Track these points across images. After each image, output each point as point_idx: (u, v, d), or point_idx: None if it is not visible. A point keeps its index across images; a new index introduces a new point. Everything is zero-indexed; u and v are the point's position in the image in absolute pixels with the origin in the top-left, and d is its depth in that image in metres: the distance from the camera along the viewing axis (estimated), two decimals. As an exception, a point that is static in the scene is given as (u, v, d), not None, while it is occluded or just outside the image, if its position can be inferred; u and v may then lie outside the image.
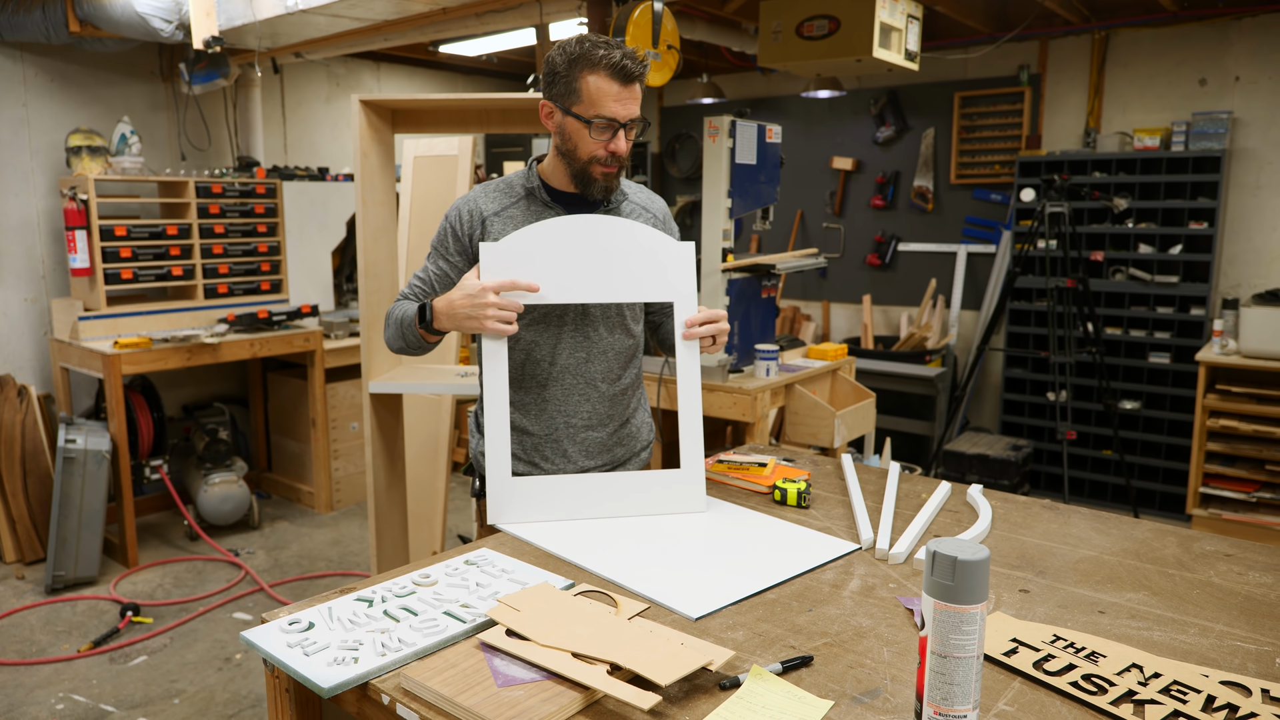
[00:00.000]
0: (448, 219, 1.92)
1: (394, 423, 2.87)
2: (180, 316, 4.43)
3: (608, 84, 1.74)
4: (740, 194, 3.25)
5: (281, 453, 5.09)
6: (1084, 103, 5.11)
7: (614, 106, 1.75)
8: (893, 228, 5.93)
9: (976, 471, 4.69)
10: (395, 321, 1.89)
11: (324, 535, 4.47)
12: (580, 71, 1.74)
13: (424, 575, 1.46)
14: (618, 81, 1.74)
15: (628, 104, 1.76)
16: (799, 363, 3.59)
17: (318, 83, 5.60)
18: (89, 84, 4.58)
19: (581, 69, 1.74)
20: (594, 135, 1.77)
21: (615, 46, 1.75)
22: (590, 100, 1.75)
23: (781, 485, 1.88)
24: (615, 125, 1.77)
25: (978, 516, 1.80)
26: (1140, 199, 4.77)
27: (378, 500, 2.81)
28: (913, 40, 4.14)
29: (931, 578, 1.05)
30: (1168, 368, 4.75)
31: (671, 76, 3.22)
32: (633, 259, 1.80)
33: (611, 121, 1.76)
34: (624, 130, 1.78)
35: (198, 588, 3.85)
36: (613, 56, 1.73)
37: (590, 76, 1.74)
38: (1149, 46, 4.89)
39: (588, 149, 1.79)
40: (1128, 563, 1.58)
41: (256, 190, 4.66)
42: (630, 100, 1.76)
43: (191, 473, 4.53)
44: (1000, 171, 5.41)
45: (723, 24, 4.78)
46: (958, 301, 5.65)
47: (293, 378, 4.90)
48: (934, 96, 5.63)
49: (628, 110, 1.76)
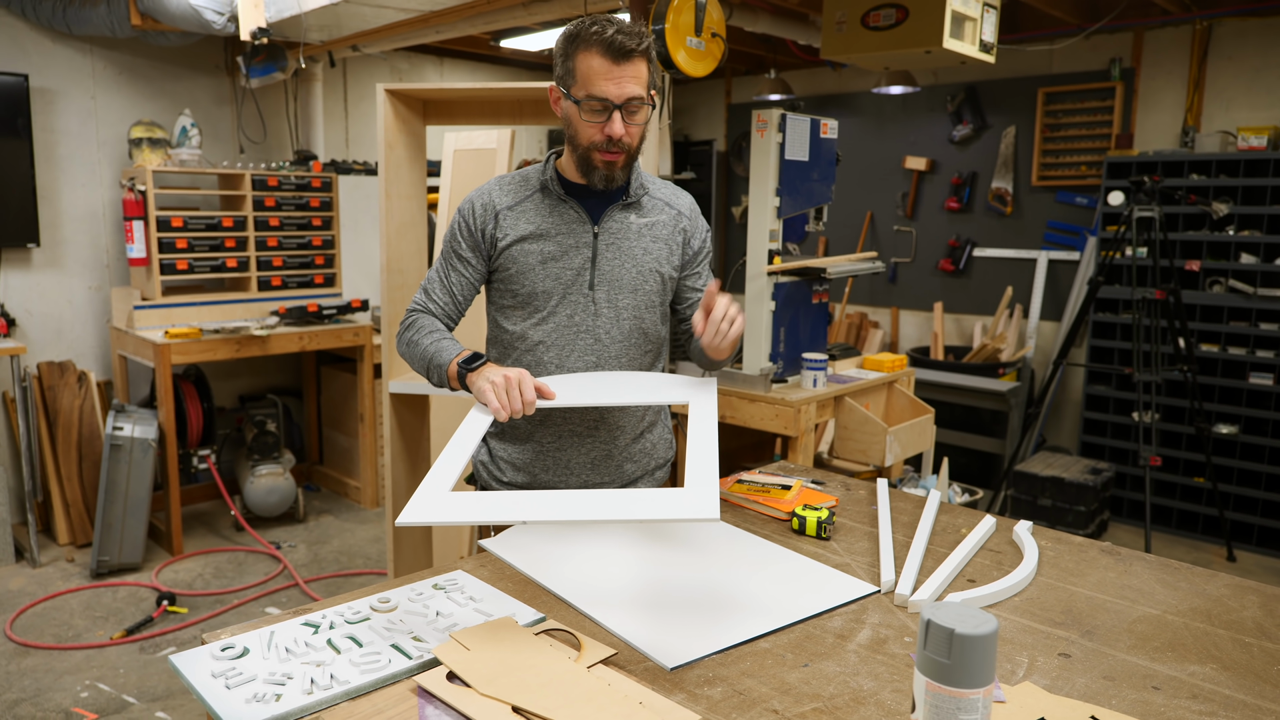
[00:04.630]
0: (460, 212, 1.79)
1: (417, 423, 2.78)
2: (233, 308, 4.46)
3: (599, 61, 1.59)
4: (790, 192, 3.05)
5: (332, 446, 5.10)
6: (1182, 99, 4.72)
7: (605, 85, 1.60)
8: (968, 231, 5.61)
9: (1050, 495, 4.36)
10: (420, 357, 1.71)
11: (366, 532, 4.44)
12: (575, 50, 1.61)
13: (383, 599, 1.33)
14: (609, 58, 1.59)
15: (623, 83, 1.60)
16: (852, 373, 3.37)
17: (380, 77, 5.60)
18: (155, 77, 4.66)
19: (576, 48, 1.61)
20: (585, 117, 1.63)
21: (611, 23, 1.60)
22: (583, 81, 1.61)
23: (801, 513, 1.69)
24: (609, 106, 1.61)
25: (1021, 558, 1.58)
26: (1243, 204, 4.36)
27: (397, 503, 2.72)
28: (989, 31, 3.86)
29: (924, 652, 0.86)
30: (1271, 390, 4.34)
31: (717, 65, 3.04)
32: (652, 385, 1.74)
33: (604, 102, 1.61)
34: (620, 112, 1.62)
35: (236, 579, 3.85)
36: (605, 32, 1.58)
37: (582, 55, 1.60)
38: (1256, 38, 4.47)
39: (585, 134, 1.65)
40: (1195, 625, 1.34)
41: (312, 184, 4.66)
42: (627, 79, 1.60)
43: (241, 463, 4.56)
44: (1086, 173, 5.04)
45: (787, 16, 4.57)
46: (1036, 312, 5.30)
47: (344, 372, 4.90)
48: (1015, 92, 5.29)
49: (622, 89, 1.61)
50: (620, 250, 1.78)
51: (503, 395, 1.51)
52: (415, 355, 1.73)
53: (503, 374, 1.54)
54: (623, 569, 1.48)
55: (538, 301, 1.75)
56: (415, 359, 1.73)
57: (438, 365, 1.67)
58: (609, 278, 1.77)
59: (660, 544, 1.59)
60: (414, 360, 1.74)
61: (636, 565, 1.50)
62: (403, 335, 1.77)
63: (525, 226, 1.74)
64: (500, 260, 1.75)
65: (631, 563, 1.51)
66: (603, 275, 1.77)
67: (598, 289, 1.77)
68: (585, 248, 1.75)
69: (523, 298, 1.75)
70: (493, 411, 1.52)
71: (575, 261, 1.75)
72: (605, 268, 1.77)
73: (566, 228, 1.75)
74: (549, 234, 1.74)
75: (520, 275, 1.74)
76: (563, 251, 1.74)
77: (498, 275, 1.77)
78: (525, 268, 1.74)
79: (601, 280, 1.77)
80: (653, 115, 1.75)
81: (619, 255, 1.78)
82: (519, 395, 1.52)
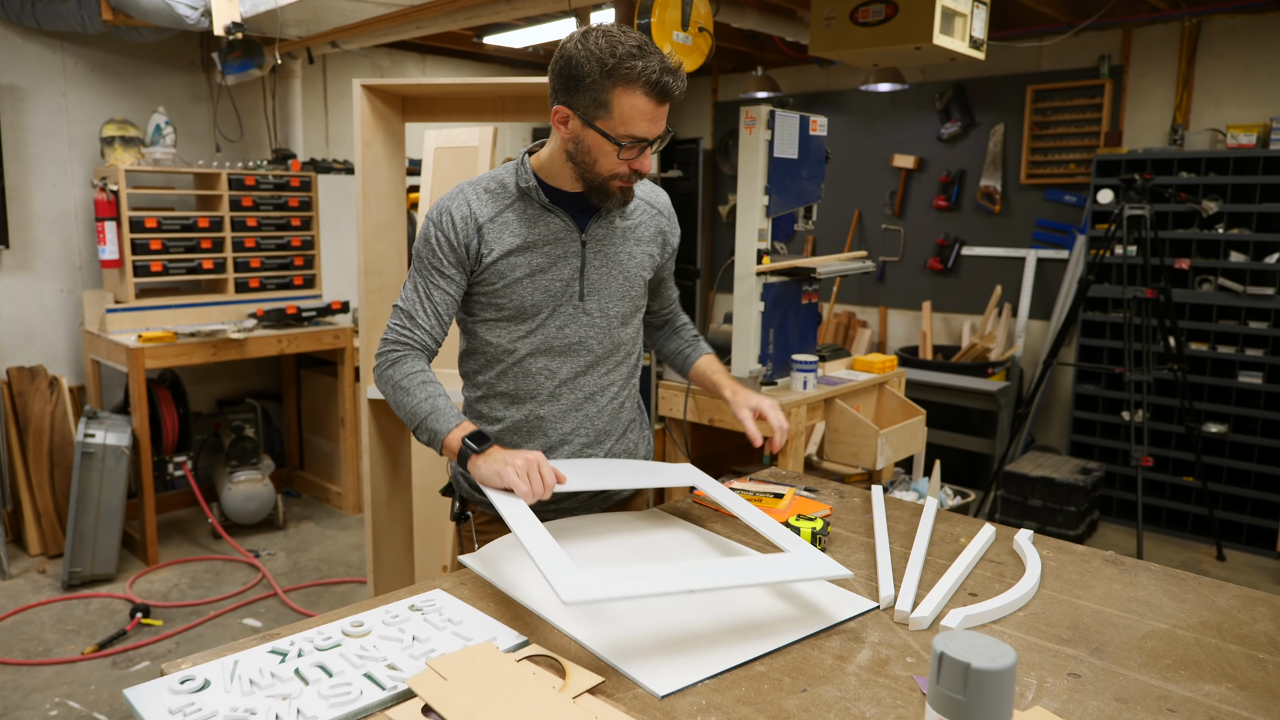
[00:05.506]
0: (437, 226, 1.65)
1: (396, 430, 2.70)
2: (210, 310, 4.35)
3: (644, 103, 1.50)
4: (779, 190, 2.99)
5: (313, 451, 5.00)
6: (1171, 97, 4.69)
7: (647, 126, 1.53)
8: (956, 230, 5.57)
9: (1040, 496, 4.32)
10: (411, 412, 1.58)
11: (348, 538, 4.35)
12: (613, 85, 1.49)
13: (356, 623, 1.26)
14: (654, 100, 1.51)
15: (659, 121, 1.54)
16: (842, 375, 3.31)
17: (360, 74, 5.50)
18: (128, 74, 4.54)
19: (615, 83, 1.49)
20: (623, 156, 1.55)
21: (651, 54, 1.49)
22: (622, 119, 1.51)
23: (794, 524, 1.63)
24: (645, 144, 1.55)
25: (1024, 570, 1.52)
26: (1232, 202, 4.34)
27: (376, 513, 2.64)
28: (979, 27, 3.82)
29: (938, 687, 0.80)
30: (1260, 388, 4.31)
31: (704, 61, 2.98)
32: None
33: (642, 141, 1.54)
34: (650, 145, 1.56)
35: (213, 589, 3.75)
36: (650, 72, 1.47)
37: (624, 93, 1.49)
38: (1246, 35, 4.45)
39: (610, 167, 1.57)
40: (1207, 641, 1.29)
41: (290, 183, 4.57)
42: (663, 118, 1.55)
43: (219, 470, 4.46)
44: (1075, 171, 5.01)
45: (775, 12, 4.51)
46: (1025, 310, 5.26)
47: (324, 375, 4.80)
48: (1004, 90, 5.25)
49: (658, 128, 1.55)
50: (608, 257, 1.71)
51: (526, 480, 1.45)
52: (403, 406, 1.61)
53: (522, 458, 1.47)
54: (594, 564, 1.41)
55: (526, 315, 1.67)
56: (402, 409, 1.61)
57: (432, 429, 1.56)
58: (598, 287, 1.70)
59: (648, 559, 1.53)
60: (399, 408, 1.62)
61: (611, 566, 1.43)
62: (384, 373, 1.65)
63: (510, 240, 1.65)
64: (485, 275, 1.66)
65: (606, 564, 1.44)
66: (592, 285, 1.70)
67: (588, 299, 1.70)
68: (574, 257, 1.68)
69: (510, 311, 1.67)
70: (520, 496, 1.44)
71: (564, 273, 1.67)
72: (594, 277, 1.70)
73: (553, 238, 1.67)
74: (536, 246, 1.65)
75: (507, 290, 1.66)
76: (551, 263, 1.66)
77: (480, 289, 1.68)
78: (512, 282, 1.65)
79: (591, 290, 1.70)
80: None
81: (607, 263, 1.71)
82: (540, 479, 1.46)
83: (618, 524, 1.69)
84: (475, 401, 1.79)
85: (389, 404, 1.64)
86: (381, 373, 1.66)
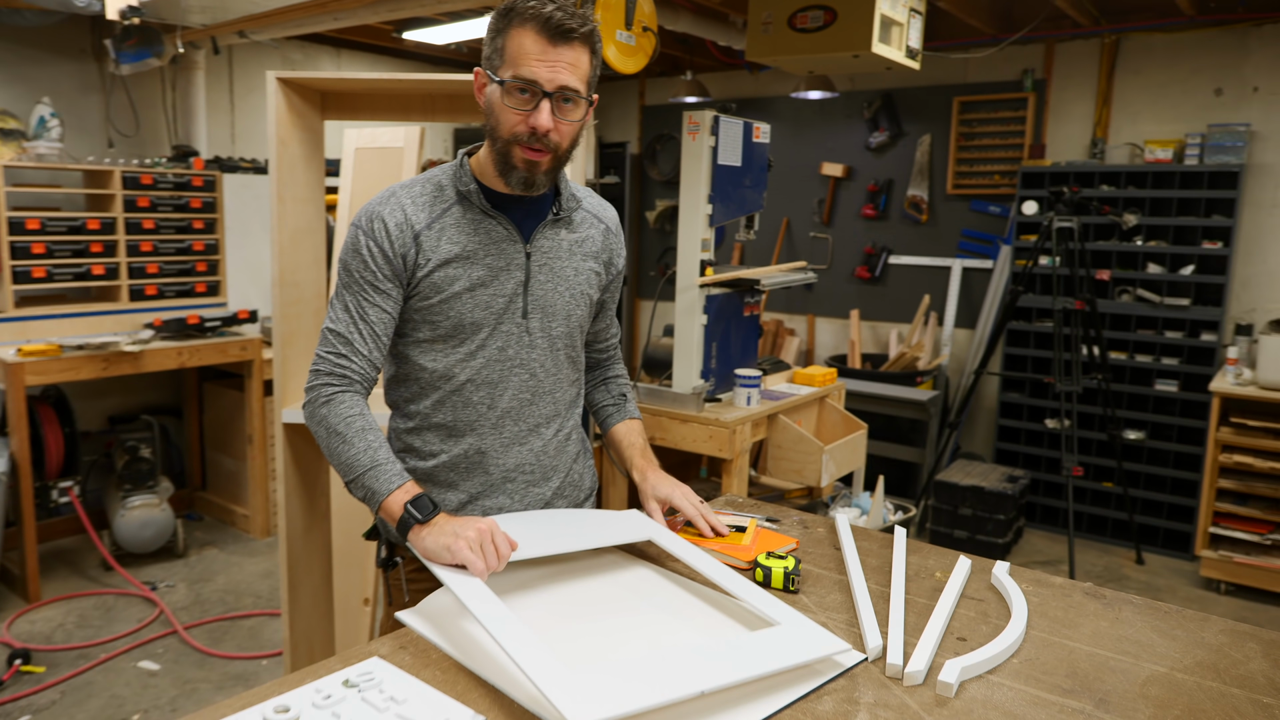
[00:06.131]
0: (368, 234, 1.47)
1: (315, 455, 2.48)
2: (101, 320, 4.00)
3: (532, 40, 1.37)
4: (722, 199, 2.89)
5: (217, 470, 4.66)
6: (1091, 111, 4.80)
7: (536, 67, 1.37)
8: (884, 239, 5.59)
9: (970, 505, 4.34)
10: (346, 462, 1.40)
11: (256, 565, 4.05)
12: (507, 27, 1.39)
13: (281, 708, 1.07)
14: (544, 37, 1.37)
15: (556, 68, 1.38)
16: (783, 389, 3.23)
17: (270, 66, 5.18)
18: (9, 61, 4.15)
19: (509, 24, 1.39)
20: (508, 102, 1.40)
21: (551, 1, 1.38)
22: (510, 60, 1.39)
23: (765, 563, 1.50)
24: (537, 92, 1.39)
25: (1007, 608, 1.43)
26: (1150, 215, 4.46)
27: (292, 546, 2.41)
28: (914, 37, 3.80)
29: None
30: (1175, 396, 4.44)
31: (648, 62, 2.85)
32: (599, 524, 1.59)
33: (532, 86, 1.38)
34: (549, 101, 1.39)
35: (104, 628, 3.42)
36: (542, 8, 1.36)
37: (514, 32, 1.38)
38: (1162, 52, 4.58)
39: (507, 123, 1.42)
40: (1208, 685, 1.22)
41: (193, 183, 4.24)
42: (561, 65, 1.38)
43: (111, 493, 4.10)
44: (1000, 182, 5.08)
45: (709, 15, 4.43)
46: (951, 319, 5.31)
47: (230, 388, 4.48)
48: (931, 101, 5.30)
49: (554, 75, 1.38)
50: (553, 272, 1.56)
51: (481, 555, 1.29)
52: (338, 455, 1.42)
53: (474, 528, 1.31)
54: (572, 644, 1.25)
55: (464, 334, 1.51)
56: (337, 458, 1.42)
57: (369, 488, 1.38)
58: (542, 304, 1.55)
59: (611, 611, 1.38)
60: (333, 456, 1.43)
61: (586, 637, 1.28)
62: (316, 411, 1.46)
63: (448, 248, 1.48)
64: (419, 288, 1.49)
65: (580, 635, 1.28)
66: (536, 301, 1.54)
67: (531, 317, 1.54)
68: (517, 270, 1.52)
69: (446, 330, 1.50)
70: (475, 574, 1.28)
71: (507, 287, 1.51)
72: (538, 292, 1.55)
73: (495, 248, 1.51)
74: (476, 256, 1.49)
75: (444, 305, 1.49)
76: (492, 276, 1.50)
77: (414, 305, 1.50)
78: (450, 297, 1.48)
79: (535, 307, 1.54)
80: (588, 117, 1.52)
81: (552, 277, 1.56)
82: (495, 551, 1.30)
83: (576, 565, 1.53)
84: (406, 434, 1.61)
85: (320, 447, 1.45)
86: (314, 411, 1.47)
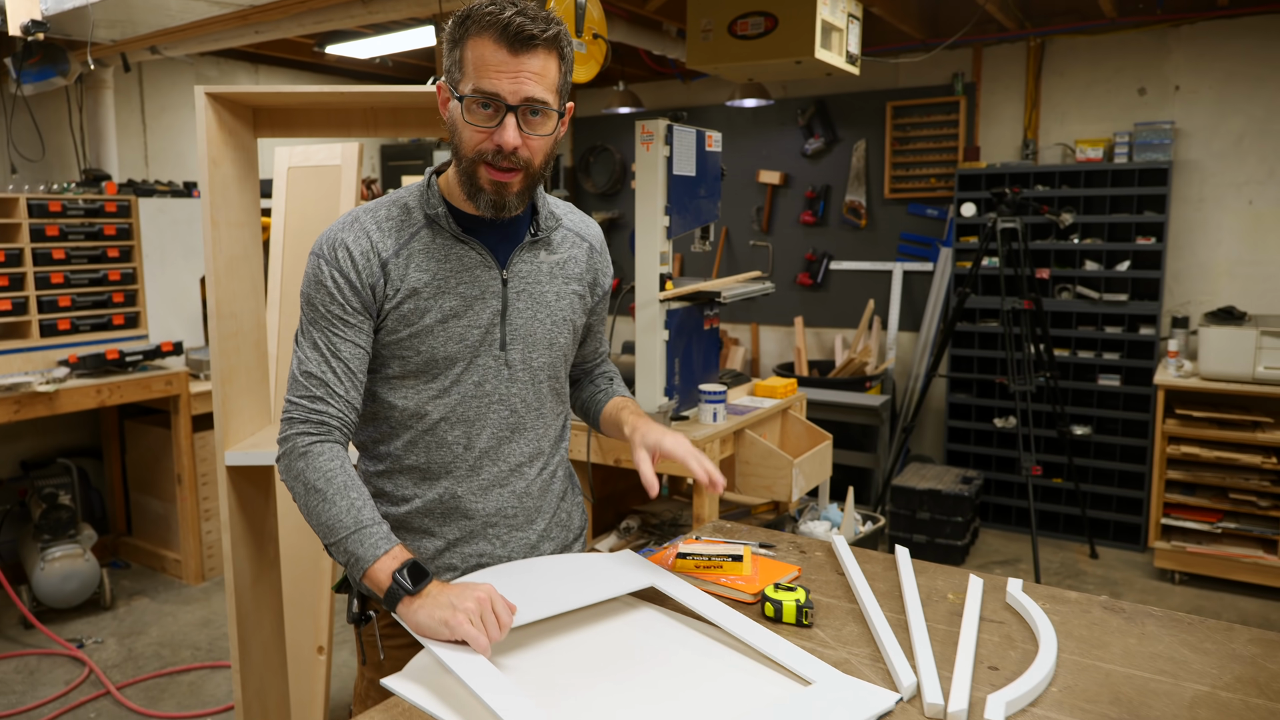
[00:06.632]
0: (331, 264, 1.34)
1: (261, 498, 2.30)
2: (10, 359, 3.70)
3: (491, 49, 1.25)
4: (679, 210, 2.80)
5: (143, 514, 4.36)
6: (1021, 113, 4.88)
7: (497, 79, 1.26)
8: (824, 245, 5.60)
9: (928, 509, 4.35)
10: (327, 522, 1.26)
11: (192, 614, 3.79)
12: (464, 36, 1.27)
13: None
14: (504, 46, 1.25)
15: (520, 79, 1.26)
16: (746, 402, 3.15)
17: (184, 85, 4.91)
18: (-109, 82, 3.82)
19: (466, 33, 1.27)
20: (469, 118, 1.28)
21: (513, 4, 1.26)
22: (470, 71, 1.27)
23: (773, 595, 1.41)
24: (500, 106, 1.27)
25: (1031, 631, 1.37)
26: (1085, 213, 4.55)
27: (241, 598, 2.22)
28: (854, 42, 3.80)
29: None
30: (1119, 390, 4.53)
31: (599, 71, 2.75)
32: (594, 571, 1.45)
33: (494, 100, 1.26)
34: (514, 115, 1.27)
35: (28, 694, 3.13)
36: (501, 14, 1.24)
37: (473, 41, 1.27)
38: (1086, 54, 4.69)
39: (470, 140, 1.30)
40: (1256, 703, 1.17)
41: (105, 209, 3.97)
42: (525, 75, 1.26)
43: (28, 545, 3.79)
44: (936, 185, 5.14)
45: (643, 24, 4.36)
46: (895, 323, 5.34)
47: (154, 426, 4.20)
48: (865, 106, 5.33)
49: (518, 86, 1.26)
50: (533, 298, 1.45)
51: (483, 629, 1.16)
52: (317, 514, 1.28)
53: (473, 598, 1.18)
54: (576, 704, 1.13)
55: (437, 369, 1.38)
56: (315, 517, 1.28)
57: (353, 554, 1.24)
58: (522, 333, 1.44)
59: (622, 664, 1.26)
60: (311, 515, 1.29)
61: (589, 694, 1.16)
62: (292, 465, 1.31)
63: (417, 276, 1.36)
64: (386, 321, 1.36)
65: (583, 691, 1.17)
66: (515, 331, 1.43)
67: (511, 348, 1.43)
68: (494, 298, 1.40)
69: (417, 366, 1.38)
70: (478, 650, 1.15)
71: (483, 317, 1.39)
72: (517, 321, 1.43)
73: (469, 276, 1.39)
74: (448, 286, 1.37)
75: (414, 340, 1.36)
76: (466, 306, 1.38)
77: (382, 339, 1.38)
78: (420, 330, 1.36)
79: (514, 337, 1.43)
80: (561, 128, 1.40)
81: (531, 304, 1.44)
82: (495, 621, 1.17)
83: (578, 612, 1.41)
84: (376, 477, 1.47)
85: (297, 505, 1.30)
86: (289, 465, 1.32)
